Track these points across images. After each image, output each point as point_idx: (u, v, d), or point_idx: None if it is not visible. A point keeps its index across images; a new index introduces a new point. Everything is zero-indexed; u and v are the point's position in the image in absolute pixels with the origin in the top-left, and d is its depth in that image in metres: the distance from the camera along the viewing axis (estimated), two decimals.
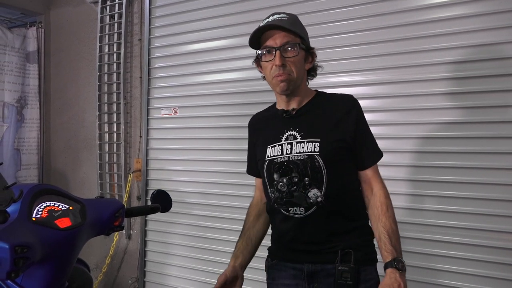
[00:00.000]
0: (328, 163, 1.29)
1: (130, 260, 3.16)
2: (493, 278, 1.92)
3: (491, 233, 1.93)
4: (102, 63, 3.20)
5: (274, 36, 1.31)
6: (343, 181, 1.33)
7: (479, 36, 1.94)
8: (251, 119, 1.60)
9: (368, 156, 1.36)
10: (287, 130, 1.37)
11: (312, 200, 1.30)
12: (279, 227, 1.41)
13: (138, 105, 3.09)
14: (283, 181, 1.34)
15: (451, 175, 2.00)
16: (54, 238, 1.04)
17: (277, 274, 1.42)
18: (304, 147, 1.32)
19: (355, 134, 1.33)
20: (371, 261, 1.33)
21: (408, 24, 2.09)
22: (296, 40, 1.31)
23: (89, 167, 3.38)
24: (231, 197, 2.64)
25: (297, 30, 1.32)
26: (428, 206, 2.06)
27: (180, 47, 2.86)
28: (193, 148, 2.80)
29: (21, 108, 3.52)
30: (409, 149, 2.08)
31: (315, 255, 1.32)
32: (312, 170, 1.29)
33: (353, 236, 1.32)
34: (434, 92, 2.03)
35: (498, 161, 1.92)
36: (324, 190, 1.29)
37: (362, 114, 1.38)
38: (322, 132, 1.32)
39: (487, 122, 1.93)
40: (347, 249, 1.28)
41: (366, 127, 1.38)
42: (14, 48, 3.46)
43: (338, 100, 1.40)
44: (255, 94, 2.54)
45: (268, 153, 1.39)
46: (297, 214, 1.32)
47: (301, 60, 1.34)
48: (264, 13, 2.47)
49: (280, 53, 1.30)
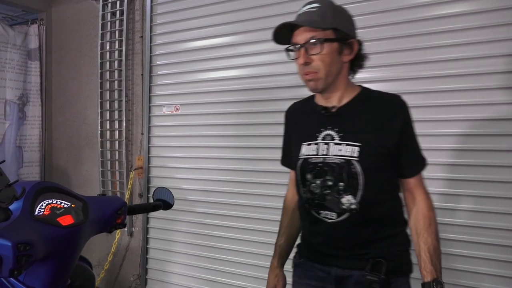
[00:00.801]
0: (366, 170, 1.21)
1: (132, 257, 3.16)
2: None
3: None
4: (104, 60, 3.19)
5: (300, 32, 1.24)
6: (381, 190, 1.25)
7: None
8: (289, 108, 1.50)
9: (411, 165, 1.27)
10: (325, 128, 1.29)
11: (345, 206, 1.23)
12: (309, 228, 1.35)
13: (139, 102, 3.09)
14: (316, 183, 1.27)
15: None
16: (57, 235, 1.04)
17: (303, 274, 1.37)
18: (342, 150, 1.24)
19: (399, 140, 1.23)
20: (404, 272, 1.28)
21: (417, 20, 2.07)
22: (324, 34, 1.20)
23: (90, 165, 3.39)
24: (233, 194, 2.63)
25: (324, 22, 1.21)
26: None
27: (182, 45, 2.85)
28: (195, 145, 2.80)
29: (23, 105, 3.52)
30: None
31: (345, 260, 1.26)
32: (348, 175, 1.22)
33: (386, 244, 1.25)
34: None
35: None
36: (360, 198, 1.22)
37: (410, 119, 1.27)
38: (363, 136, 1.23)
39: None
40: (378, 258, 1.22)
41: (412, 133, 1.28)
42: (15, 45, 3.45)
43: (384, 100, 1.29)
44: (258, 92, 2.53)
45: (303, 151, 1.32)
46: (328, 219, 1.26)
47: (331, 55, 1.22)
48: (267, 10, 2.50)
49: (305, 51, 1.22)
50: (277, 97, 2.46)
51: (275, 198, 2.41)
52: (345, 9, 1.30)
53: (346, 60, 1.27)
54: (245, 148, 2.59)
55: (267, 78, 2.50)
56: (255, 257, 2.52)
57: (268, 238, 2.43)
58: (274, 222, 1.72)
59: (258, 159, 2.52)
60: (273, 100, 2.48)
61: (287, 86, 2.42)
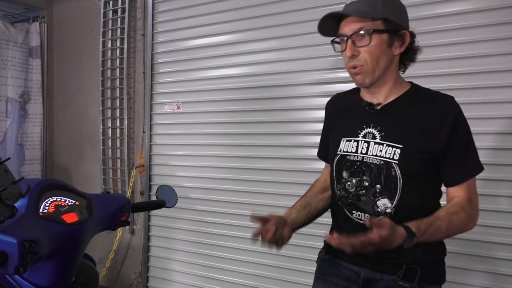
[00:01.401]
0: (406, 174, 1.14)
1: (133, 255, 3.17)
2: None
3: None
4: (105, 58, 3.19)
5: (347, 22, 1.16)
6: (420, 196, 1.17)
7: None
8: (331, 99, 1.42)
9: (456, 172, 1.16)
10: (367, 126, 1.22)
11: (380, 209, 1.17)
12: (340, 226, 1.28)
13: (141, 100, 3.08)
14: (352, 182, 1.21)
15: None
16: (61, 233, 1.05)
17: (328, 270, 1.31)
18: (382, 150, 1.17)
19: (446, 145, 1.13)
20: (437, 281, 1.21)
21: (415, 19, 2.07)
22: (373, 25, 1.12)
23: (92, 163, 3.39)
24: (234, 192, 2.64)
25: (373, 11, 1.13)
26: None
27: (184, 42, 2.85)
28: (196, 143, 2.80)
29: (24, 103, 3.52)
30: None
31: (376, 262, 1.19)
32: (386, 178, 1.15)
33: (422, 251, 1.14)
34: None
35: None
36: (396, 203, 1.15)
37: (462, 122, 1.16)
38: (406, 138, 1.15)
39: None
40: (412, 264, 1.15)
41: (463, 137, 1.16)
42: (17, 43, 3.45)
43: (434, 100, 1.19)
44: (259, 90, 2.53)
45: (342, 146, 1.26)
46: (360, 220, 1.20)
47: (380, 47, 1.14)
48: (268, 8, 2.50)
49: (352, 42, 1.15)
50: (279, 95, 2.46)
51: (277, 196, 2.41)
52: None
53: (396, 53, 1.19)
54: (247, 146, 2.60)
55: (269, 76, 2.50)
56: (257, 255, 2.53)
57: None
58: None
59: (260, 157, 2.52)
60: (276, 98, 2.48)
61: (289, 84, 2.42)
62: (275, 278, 2.48)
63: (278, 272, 2.47)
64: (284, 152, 2.46)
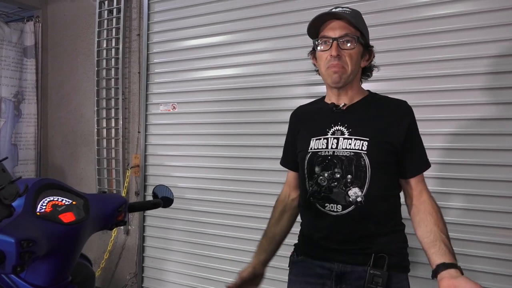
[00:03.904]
0: (374, 163, 1.25)
1: (128, 255, 3.16)
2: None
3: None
4: (100, 58, 3.18)
5: (334, 27, 1.29)
6: (386, 184, 1.29)
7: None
8: (295, 110, 1.53)
9: (415, 165, 1.30)
10: (335, 124, 1.33)
11: (351, 199, 1.25)
12: (312, 223, 1.36)
13: (136, 100, 3.08)
14: (324, 175, 1.30)
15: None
16: (59, 232, 1.04)
17: (301, 271, 1.37)
18: (351, 143, 1.28)
19: (404, 141, 1.27)
20: (404, 268, 1.30)
21: (410, 21, 2.10)
22: (356, 34, 1.29)
23: (87, 163, 3.37)
24: (229, 192, 2.64)
25: (358, 24, 1.29)
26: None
27: (179, 43, 2.85)
28: (191, 143, 2.80)
29: (18, 103, 3.50)
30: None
31: (347, 255, 1.27)
32: (357, 168, 1.25)
33: (388, 240, 1.27)
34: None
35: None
36: (366, 191, 1.25)
37: (415, 123, 1.32)
38: (372, 132, 1.27)
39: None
40: (381, 253, 1.24)
41: (417, 136, 1.32)
42: (11, 42, 3.44)
43: (391, 104, 1.35)
44: (254, 90, 2.54)
45: (312, 145, 1.34)
46: (333, 212, 1.28)
47: (358, 55, 1.30)
48: (264, 9, 2.51)
49: (337, 44, 1.27)
50: (274, 96, 2.47)
51: (271, 196, 2.39)
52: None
53: (363, 65, 1.36)
54: (242, 147, 2.60)
55: (264, 77, 2.51)
56: (252, 255, 2.53)
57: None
58: None
59: (255, 158, 2.53)
60: (270, 99, 2.49)
61: (284, 85, 2.43)
62: (271, 278, 2.48)
63: (273, 272, 2.48)
64: (279, 152, 2.44)
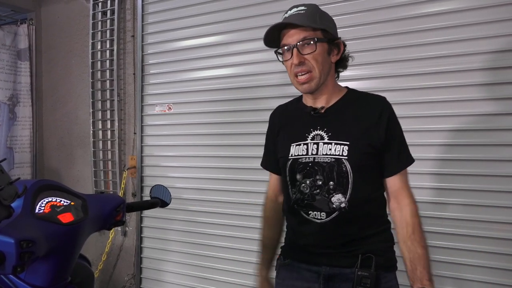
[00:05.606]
0: (355, 168, 1.23)
1: (126, 256, 3.16)
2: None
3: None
4: (95, 60, 3.18)
5: (290, 33, 1.25)
6: (369, 188, 1.27)
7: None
8: (274, 110, 1.51)
9: (394, 163, 1.27)
10: (314, 129, 1.30)
11: (335, 205, 1.24)
12: (297, 229, 1.34)
13: (132, 102, 3.08)
14: (306, 183, 1.27)
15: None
16: (58, 233, 1.05)
17: (288, 275, 1.36)
18: (331, 149, 1.25)
19: (385, 141, 1.25)
20: (392, 267, 1.29)
21: (402, 19, 2.11)
22: (315, 34, 1.24)
23: (83, 165, 3.37)
24: (226, 192, 2.65)
25: (314, 23, 1.24)
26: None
27: (174, 44, 2.86)
28: (188, 144, 2.81)
29: (13, 106, 3.49)
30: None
31: (334, 258, 1.26)
32: (338, 174, 1.23)
33: (374, 240, 1.27)
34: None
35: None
36: (349, 197, 1.23)
37: (395, 118, 1.29)
38: (352, 135, 1.25)
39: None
40: (368, 253, 1.23)
41: (397, 133, 1.29)
42: (5, 45, 3.42)
43: (370, 101, 1.32)
44: (249, 90, 2.55)
45: (292, 151, 1.32)
46: (317, 219, 1.26)
47: (323, 55, 1.26)
48: (257, 9, 2.52)
49: (298, 51, 1.23)
50: (268, 95, 2.48)
51: None
52: (327, 13, 1.34)
53: (334, 60, 1.32)
54: (238, 146, 2.61)
55: (258, 76, 2.52)
56: (249, 254, 2.54)
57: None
58: None
59: (251, 157, 2.53)
60: (265, 98, 2.50)
61: (278, 84, 2.44)
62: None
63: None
64: None
